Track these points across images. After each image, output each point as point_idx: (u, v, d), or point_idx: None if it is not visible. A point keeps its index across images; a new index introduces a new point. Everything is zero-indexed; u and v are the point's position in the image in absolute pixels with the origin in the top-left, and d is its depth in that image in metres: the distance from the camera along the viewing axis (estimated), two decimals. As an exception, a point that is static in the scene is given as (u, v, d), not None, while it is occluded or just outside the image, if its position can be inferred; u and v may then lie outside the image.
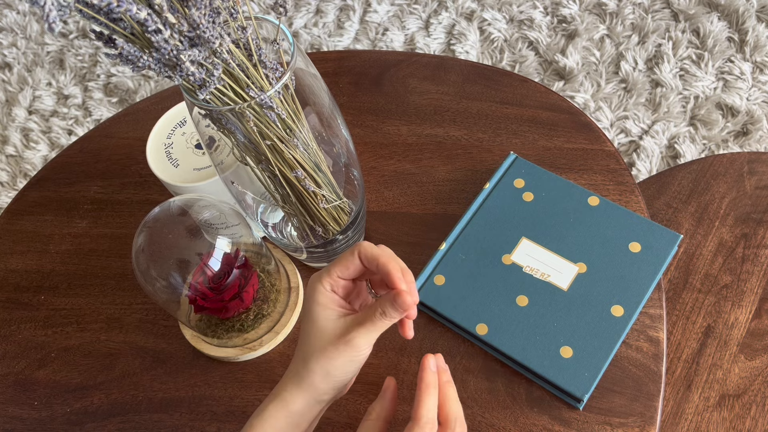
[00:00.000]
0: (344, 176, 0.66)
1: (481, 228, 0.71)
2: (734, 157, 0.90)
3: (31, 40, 1.88)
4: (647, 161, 1.42)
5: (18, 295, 0.77)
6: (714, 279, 0.81)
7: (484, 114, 0.81)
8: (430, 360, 0.52)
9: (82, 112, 1.71)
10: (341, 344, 0.50)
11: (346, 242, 0.69)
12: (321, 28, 1.76)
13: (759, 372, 0.76)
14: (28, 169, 1.65)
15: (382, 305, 0.50)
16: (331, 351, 0.50)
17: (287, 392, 0.51)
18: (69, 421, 0.68)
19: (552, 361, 0.63)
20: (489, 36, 1.66)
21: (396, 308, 0.49)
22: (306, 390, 0.51)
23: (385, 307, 0.49)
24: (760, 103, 1.47)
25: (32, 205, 0.83)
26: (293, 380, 0.51)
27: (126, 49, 0.45)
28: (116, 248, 0.78)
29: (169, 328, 0.72)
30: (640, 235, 0.68)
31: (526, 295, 0.67)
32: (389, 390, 0.54)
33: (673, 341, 0.78)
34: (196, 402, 0.67)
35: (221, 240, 0.62)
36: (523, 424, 0.62)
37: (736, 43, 1.56)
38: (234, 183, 0.64)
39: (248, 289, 0.64)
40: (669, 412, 0.75)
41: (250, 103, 0.51)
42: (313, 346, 0.51)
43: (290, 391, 0.51)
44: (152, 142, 0.71)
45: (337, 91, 0.86)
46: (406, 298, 0.48)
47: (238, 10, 0.50)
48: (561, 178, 0.73)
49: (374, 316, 0.50)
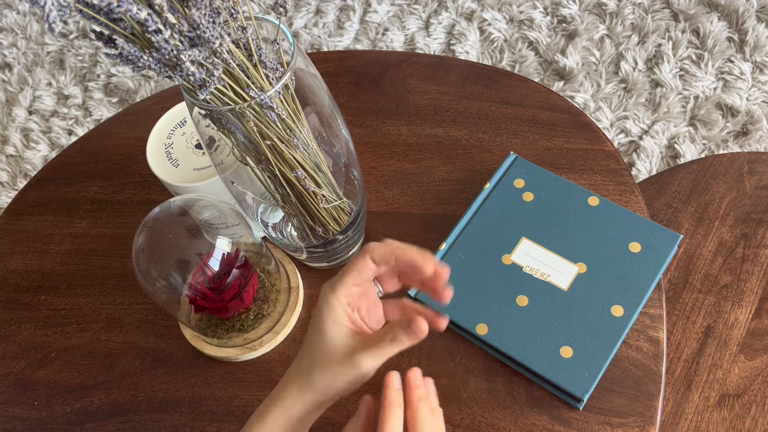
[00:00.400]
0: (344, 176, 0.66)
1: (481, 228, 0.71)
2: (734, 157, 0.90)
3: (31, 40, 1.88)
4: (647, 161, 1.42)
5: (18, 295, 0.77)
6: (714, 279, 0.81)
7: (484, 114, 0.81)
8: (393, 378, 0.50)
9: (82, 112, 1.71)
10: (347, 365, 0.49)
11: (346, 242, 0.69)
12: (321, 28, 1.76)
13: (759, 372, 0.76)
14: (28, 169, 1.65)
15: (394, 331, 0.48)
16: (336, 369, 0.49)
17: (290, 400, 0.51)
18: (69, 421, 0.68)
19: (552, 361, 0.63)
20: (489, 36, 1.66)
21: (410, 335, 0.48)
22: (308, 399, 0.51)
23: (398, 333, 0.48)
24: (760, 103, 1.47)
25: (32, 205, 0.83)
26: (296, 387, 0.51)
27: (126, 49, 0.45)
28: (116, 248, 0.78)
29: (169, 328, 0.72)
30: (640, 235, 0.68)
31: (526, 295, 0.67)
32: (365, 409, 0.52)
33: (673, 341, 0.78)
34: (196, 402, 0.67)
35: (221, 240, 0.62)
36: (523, 424, 0.62)
37: (736, 43, 1.56)
38: (234, 183, 0.64)
39: (248, 289, 0.64)
40: (669, 412, 0.75)
41: (250, 103, 0.51)
42: (318, 360, 0.50)
43: (293, 398, 0.51)
44: (152, 142, 0.71)
45: (337, 91, 0.86)
46: (421, 325, 0.47)
47: (238, 10, 0.50)
48: (561, 178, 0.73)
49: (383, 342, 0.49)
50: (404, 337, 0.48)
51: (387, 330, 0.49)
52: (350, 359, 0.49)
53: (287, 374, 0.53)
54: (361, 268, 0.50)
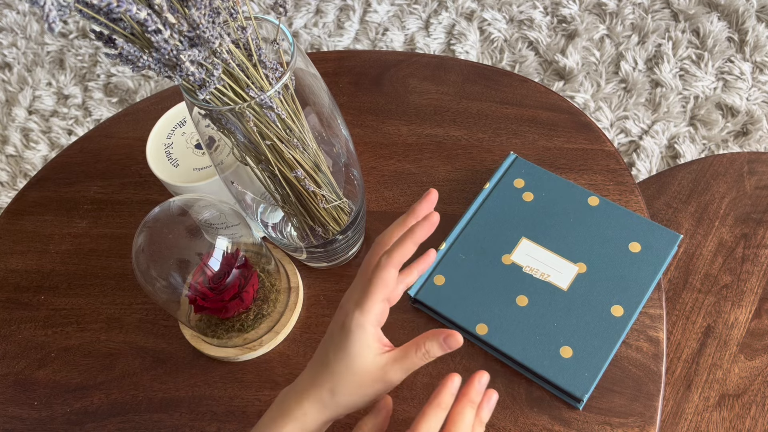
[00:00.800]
0: (344, 176, 0.66)
1: (481, 228, 0.71)
2: (734, 157, 0.90)
3: (31, 40, 1.88)
4: (647, 161, 1.42)
5: (18, 295, 0.77)
6: (714, 279, 0.81)
7: (484, 114, 0.81)
8: (453, 380, 0.48)
9: (82, 112, 1.71)
10: (378, 381, 0.49)
11: (346, 242, 0.69)
12: (321, 28, 1.76)
13: (759, 372, 0.76)
14: (28, 169, 1.65)
15: (426, 344, 0.48)
16: (367, 388, 0.49)
17: (309, 417, 0.50)
18: (69, 421, 0.68)
19: (552, 361, 0.63)
20: (489, 36, 1.66)
21: (443, 348, 0.48)
22: (328, 416, 0.50)
23: (431, 348, 0.48)
24: (760, 103, 1.47)
25: (32, 205, 0.83)
26: (316, 407, 0.50)
27: (126, 49, 0.45)
28: (116, 248, 0.78)
29: (169, 328, 0.72)
30: (640, 235, 0.68)
31: (526, 295, 0.67)
32: (385, 409, 0.52)
33: (673, 341, 0.78)
34: (196, 402, 0.67)
35: (221, 240, 0.62)
36: (523, 424, 0.62)
37: (736, 43, 1.56)
38: (234, 183, 0.64)
39: (248, 289, 0.64)
40: (669, 412, 0.75)
41: (250, 103, 0.51)
42: (347, 383, 0.49)
43: (312, 417, 0.50)
44: (152, 142, 0.71)
45: (337, 91, 0.86)
46: (458, 337, 0.47)
47: (238, 10, 0.50)
48: (561, 178, 0.73)
49: (413, 356, 0.48)
50: (438, 350, 0.48)
51: (415, 345, 0.49)
52: (380, 376, 0.49)
53: (303, 389, 0.50)
54: (388, 281, 0.48)
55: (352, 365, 0.49)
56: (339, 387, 0.49)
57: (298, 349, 0.69)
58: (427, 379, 0.65)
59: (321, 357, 0.51)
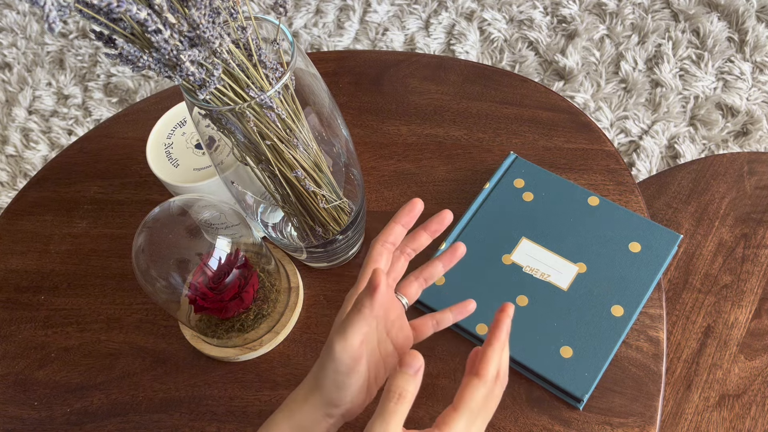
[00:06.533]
0: (344, 176, 0.66)
1: (481, 228, 0.71)
2: (734, 157, 0.90)
3: (31, 40, 1.88)
4: (647, 161, 1.42)
5: (18, 295, 0.77)
6: (714, 279, 0.81)
7: (484, 114, 0.81)
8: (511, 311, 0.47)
9: (82, 112, 1.71)
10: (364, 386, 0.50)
11: (346, 242, 0.69)
12: (321, 28, 1.76)
13: (759, 372, 0.76)
14: (28, 169, 1.65)
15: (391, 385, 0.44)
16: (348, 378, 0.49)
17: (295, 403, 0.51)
18: (69, 421, 0.68)
19: (552, 361, 0.63)
20: (489, 36, 1.66)
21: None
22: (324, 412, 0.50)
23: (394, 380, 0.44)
24: (759, 103, 1.47)
25: (32, 205, 0.83)
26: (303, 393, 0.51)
27: (126, 49, 0.45)
28: (116, 248, 0.78)
29: (169, 328, 0.72)
30: (640, 235, 0.68)
31: (526, 295, 0.67)
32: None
33: (673, 341, 0.78)
34: (196, 402, 0.67)
35: (221, 240, 0.62)
36: (523, 424, 0.62)
37: (736, 43, 1.56)
38: (234, 183, 0.64)
39: (248, 289, 0.64)
40: (669, 412, 0.75)
41: (250, 103, 0.51)
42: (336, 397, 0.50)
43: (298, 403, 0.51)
44: (152, 142, 0.71)
45: (337, 91, 0.86)
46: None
47: (238, 10, 0.50)
48: (561, 178, 0.73)
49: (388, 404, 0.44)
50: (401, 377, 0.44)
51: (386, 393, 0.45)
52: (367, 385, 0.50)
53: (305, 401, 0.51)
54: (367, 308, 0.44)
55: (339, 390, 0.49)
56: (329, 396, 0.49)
57: (298, 349, 0.69)
58: (428, 380, 0.65)
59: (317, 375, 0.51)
